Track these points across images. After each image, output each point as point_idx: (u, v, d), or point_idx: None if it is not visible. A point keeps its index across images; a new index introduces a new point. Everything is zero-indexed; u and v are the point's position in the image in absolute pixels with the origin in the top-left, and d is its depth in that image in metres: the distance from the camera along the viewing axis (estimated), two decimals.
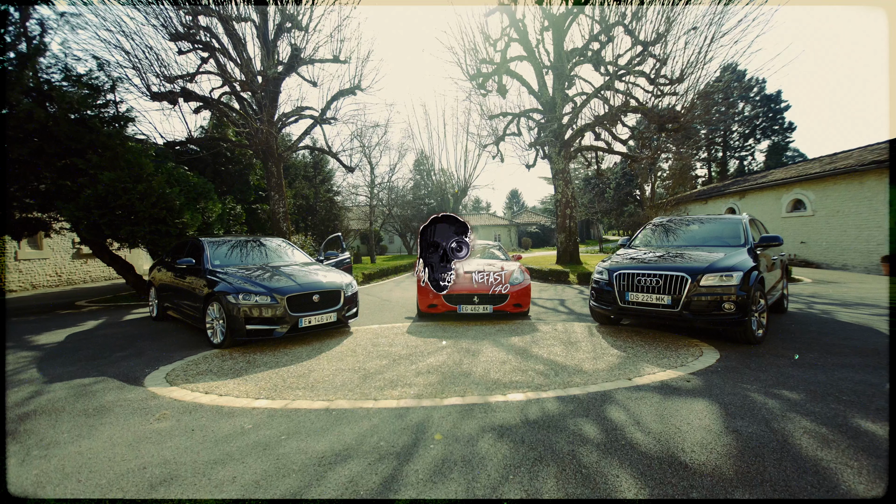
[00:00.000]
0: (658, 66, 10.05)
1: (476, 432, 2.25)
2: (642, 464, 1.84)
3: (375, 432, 2.29)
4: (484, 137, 15.79)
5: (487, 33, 11.92)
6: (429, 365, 3.48)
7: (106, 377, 3.37)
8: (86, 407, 2.73)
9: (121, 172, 7.05)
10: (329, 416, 2.53)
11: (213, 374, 3.39)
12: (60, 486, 1.82)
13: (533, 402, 2.64)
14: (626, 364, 3.34)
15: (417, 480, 1.81)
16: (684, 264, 3.89)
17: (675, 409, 2.41)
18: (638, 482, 1.72)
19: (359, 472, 1.89)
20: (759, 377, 2.88)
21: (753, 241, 4.38)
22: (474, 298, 5.13)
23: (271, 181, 10.96)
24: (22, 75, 6.44)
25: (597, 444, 2.06)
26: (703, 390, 2.69)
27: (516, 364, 3.44)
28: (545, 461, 1.92)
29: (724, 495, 1.60)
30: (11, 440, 2.28)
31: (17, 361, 3.96)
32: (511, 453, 2.00)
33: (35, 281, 11.35)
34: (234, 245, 5.66)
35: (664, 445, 1.99)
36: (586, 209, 27.73)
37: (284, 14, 10.02)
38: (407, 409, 2.61)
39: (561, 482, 1.75)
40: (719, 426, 2.16)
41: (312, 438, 2.23)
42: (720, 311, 3.57)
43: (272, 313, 4.12)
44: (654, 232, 5.48)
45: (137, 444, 2.19)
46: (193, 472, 1.92)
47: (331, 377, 3.25)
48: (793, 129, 26.83)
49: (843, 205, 11.34)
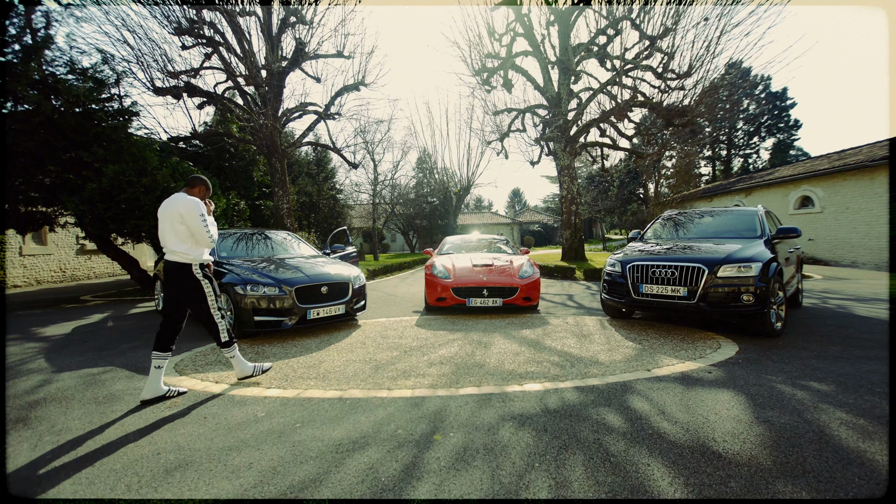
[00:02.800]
0: (666, 59, 9.94)
1: (495, 421, 2.19)
2: (672, 452, 1.78)
3: (392, 420, 2.23)
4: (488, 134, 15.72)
5: (493, 28, 11.83)
6: (441, 356, 3.42)
7: (114, 367, 3.33)
8: (96, 395, 2.69)
9: (125, 165, 7.02)
10: (343, 405, 2.47)
11: (222, 365, 3.34)
12: (75, 472, 1.77)
13: (551, 392, 2.57)
14: (643, 356, 3.27)
15: (439, 468, 1.75)
16: (701, 255, 3.81)
17: (700, 400, 2.34)
18: (670, 471, 1.65)
19: (378, 458, 1.84)
20: (783, 369, 2.80)
21: (770, 233, 4.30)
22: (483, 291, 5.06)
23: (275, 177, 10.92)
24: (28, 68, 6.41)
25: (622, 433, 1.99)
26: (727, 381, 2.62)
27: (530, 355, 3.38)
28: (570, 449, 1.86)
29: (765, 485, 1.53)
30: (23, 426, 2.24)
31: (25, 352, 3.93)
32: (534, 441, 1.94)
33: (40, 276, 11.36)
34: (239, 237, 5.62)
35: (693, 435, 1.92)
36: (589, 207, 27.59)
37: (289, 9, 9.96)
38: (422, 398, 2.55)
39: (589, 470, 1.68)
40: (749, 416, 2.09)
41: (328, 426, 2.18)
42: (739, 303, 3.50)
43: (281, 304, 4.07)
44: (665, 225, 5.40)
45: (150, 431, 2.14)
46: (208, 458, 1.87)
47: (342, 367, 3.19)
48: (798, 127, 26.62)
49: (853, 201, 11.21)
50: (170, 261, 2.63)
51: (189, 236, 2.60)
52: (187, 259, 2.61)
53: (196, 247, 2.64)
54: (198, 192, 2.78)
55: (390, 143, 24.57)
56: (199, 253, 2.65)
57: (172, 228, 2.57)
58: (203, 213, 2.61)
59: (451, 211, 24.66)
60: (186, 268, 2.62)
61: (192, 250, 2.62)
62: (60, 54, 7.06)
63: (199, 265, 2.66)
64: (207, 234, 2.61)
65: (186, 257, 2.61)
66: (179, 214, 2.56)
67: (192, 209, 2.57)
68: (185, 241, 2.60)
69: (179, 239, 2.58)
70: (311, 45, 10.31)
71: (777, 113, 26.58)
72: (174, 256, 2.61)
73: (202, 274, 2.66)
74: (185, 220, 2.56)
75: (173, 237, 2.58)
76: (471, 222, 32.69)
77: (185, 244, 2.60)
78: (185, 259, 2.61)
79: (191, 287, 2.63)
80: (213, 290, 2.70)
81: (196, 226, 2.57)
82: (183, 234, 2.58)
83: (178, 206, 2.57)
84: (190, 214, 2.56)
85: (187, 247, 2.60)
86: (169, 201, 2.62)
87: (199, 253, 2.65)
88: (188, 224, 2.57)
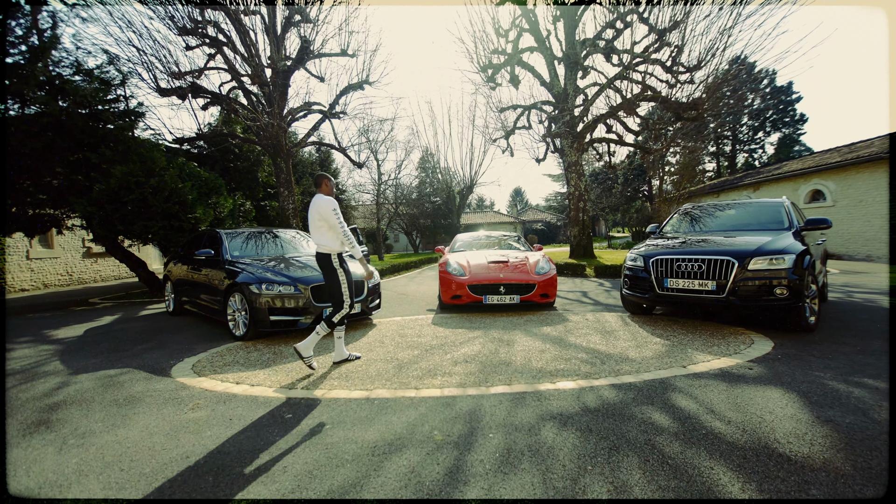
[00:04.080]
0: (675, 52, 9.80)
1: (535, 421, 2.09)
2: (735, 455, 1.67)
3: (425, 421, 2.14)
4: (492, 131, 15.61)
5: (499, 23, 11.72)
6: (464, 354, 3.32)
7: (131, 368, 3.25)
8: (116, 397, 2.60)
9: (133, 166, 6.96)
10: (371, 406, 2.38)
11: (240, 365, 3.26)
12: (104, 475, 1.69)
13: (587, 390, 2.47)
14: (674, 352, 3.17)
15: (485, 471, 1.66)
16: (730, 248, 3.69)
17: (749, 398, 2.23)
18: (738, 475, 1.54)
19: (418, 462, 1.74)
20: (828, 365, 2.69)
21: (799, 224, 4.17)
22: (500, 289, 4.96)
23: (280, 177, 10.84)
24: (35, 69, 6.35)
25: (674, 433, 1.89)
26: (772, 378, 2.51)
27: (556, 353, 3.27)
28: (622, 451, 1.76)
29: (851, 494, 1.41)
30: (46, 429, 2.16)
31: (40, 354, 3.86)
32: (581, 443, 1.84)
33: (47, 280, 11.34)
34: (248, 236, 5.54)
35: (752, 436, 1.81)
36: (593, 205, 27.42)
37: (293, 7, 9.88)
38: (453, 397, 2.46)
39: (648, 473, 1.58)
40: (808, 416, 1.97)
41: (359, 428, 2.09)
42: (771, 297, 3.38)
43: (296, 303, 3.98)
44: (684, 219, 5.28)
45: (175, 434, 2.06)
46: (240, 462, 1.78)
47: (364, 367, 3.10)
48: (805, 121, 26.32)
49: (867, 194, 11.03)
50: (318, 252, 3.16)
51: (328, 229, 3.07)
52: (327, 250, 3.11)
53: (334, 239, 3.10)
54: (325, 187, 3.22)
55: (394, 143, 24.50)
56: (335, 245, 3.11)
57: (315, 225, 3.10)
58: (336, 209, 3.05)
59: (455, 210, 24.56)
60: (328, 257, 3.12)
61: (331, 242, 3.10)
62: (66, 55, 7.00)
63: (338, 255, 3.14)
64: (341, 225, 3.03)
65: (326, 248, 3.10)
66: (319, 213, 3.05)
67: (327, 207, 3.03)
68: (325, 235, 3.09)
69: (320, 233, 3.10)
70: (315, 43, 10.23)
71: (782, 107, 26.29)
72: (320, 249, 3.13)
73: (338, 262, 3.13)
74: (324, 217, 3.03)
75: (316, 232, 3.12)
76: (474, 221, 32.59)
77: (325, 237, 3.09)
78: (325, 250, 3.11)
79: (330, 272, 3.12)
80: (346, 278, 3.15)
81: (332, 221, 3.03)
82: (323, 229, 3.08)
83: (317, 206, 3.06)
84: (326, 212, 3.03)
85: (326, 239, 3.09)
86: (312, 203, 3.11)
87: (336, 245, 3.11)
88: (327, 220, 3.04)
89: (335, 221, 3.02)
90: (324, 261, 3.13)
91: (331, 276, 3.13)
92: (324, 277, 3.20)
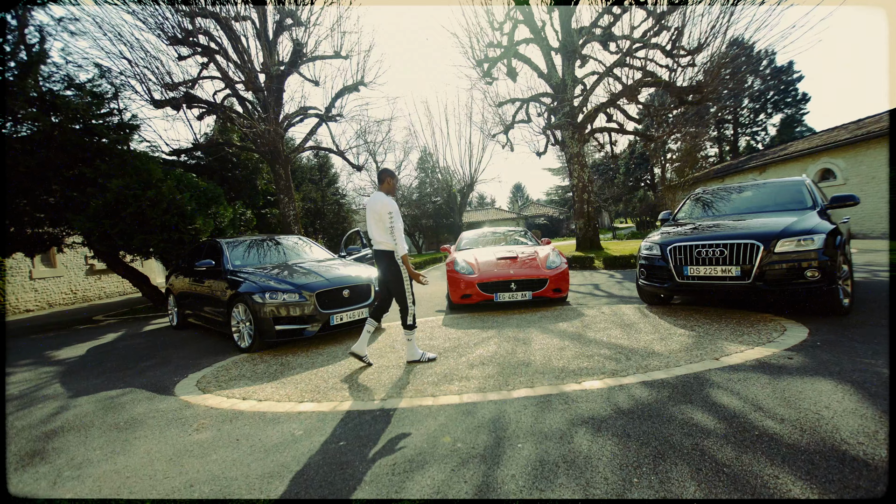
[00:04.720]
0: (675, 35, 9.56)
1: (565, 427, 1.92)
2: (800, 460, 1.49)
3: (446, 432, 1.98)
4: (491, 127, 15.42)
5: (493, 16, 11.52)
6: (480, 356, 3.16)
7: (134, 388, 3.12)
8: (116, 420, 2.47)
9: (129, 179, 6.84)
10: (386, 417, 2.22)
11: (246, 379, 3.12)
12: None
13: (616, 390, 2.30)
14: (703, 343, 2.98)
15: (518, 487, 1.49)
16: (753, 230, 3.50)
17: (797, 391, 2.05)
18: (811, 485, 1.35)
19: (443, 479, 1.58)
20: (877, 350, 2.49)
21: (823, 203, 3.97)
22: (511, 285, 4.79)
23: (280, 184, 10.73)
24: (24, 84, 6.25)
25: (722, 435, 1.71)
26: (818, 368, 2.32)
27: (577, 350, 3.10)
28: (668, 458, 1.58)
29: None
30: (40, 461, 2.02)
31: (40, 377, 3.73)
32: (620, 451, 1.67)
33: (51, 299, 11.30)
34: (250, 245, 5.40)
35: (813, 436, 1.63)
36: (596, 196, 27.13)
37: (283, 10, 9.74)
38: (473, 404, 2.30)
39: (704, 485, 1.41)
40: (873, 411, 1.78)
41: (375, 443, 1.93)
42: (802, 280, 3.18)
43: (302, 311, 3.83)
44: (697, 204, 5.08)
45: (179, 459, 1.91)
46: (248, 488, 1.62)
47: (376, 375, 2.95)
48: (807, 100, 25.87)
49: (879, 170, 10.73)
50: (377, 249, 3.03)
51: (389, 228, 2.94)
52: (390, 247, 2.97)
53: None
54: (386, 184, 3.10)
55: (392, 144, 24.35)
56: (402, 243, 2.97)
57: (375, 223, 2.99)
58: (392, 213, 2.93)
59: (456, 209, 24.37)
60: (390, 254, 2.98)
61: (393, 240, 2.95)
62: (56, 69, 6.90)
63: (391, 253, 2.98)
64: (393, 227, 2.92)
65: (389, 245, 2.97)
66: (377, 212, 2.96)
67: (383, 209, 2.92)
68: (386, 233, 2.95)
69: (379, 231, 2.99)
70: (308, 46, 10.09)
71: (783, 88, 25.86)
72: (380, 245, 3.01)
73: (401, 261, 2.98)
74: (383, 217, 2.92)
75: (376, 230, 3.00)
76: (476, 219, 32.37)
77: (387, 235, 2.95)
78: (387, 247, 2.98)
79: (393, 271, 2.99)
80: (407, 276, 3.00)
81: (387, 223, 2.92)
82: (381, 226, 2.96)
83: (376, 204, 2.96)
84: (383, 214, 2.92)
85: (388, 237, 2.95)
86: (371, 200, 3.01)
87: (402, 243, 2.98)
88: (383, 221, 2.94)
89: (389, 224, 2.91)
90: (384, 258, 2.99)
91: (394, 275, 2.99)
92: (384, 276, 3.05)
